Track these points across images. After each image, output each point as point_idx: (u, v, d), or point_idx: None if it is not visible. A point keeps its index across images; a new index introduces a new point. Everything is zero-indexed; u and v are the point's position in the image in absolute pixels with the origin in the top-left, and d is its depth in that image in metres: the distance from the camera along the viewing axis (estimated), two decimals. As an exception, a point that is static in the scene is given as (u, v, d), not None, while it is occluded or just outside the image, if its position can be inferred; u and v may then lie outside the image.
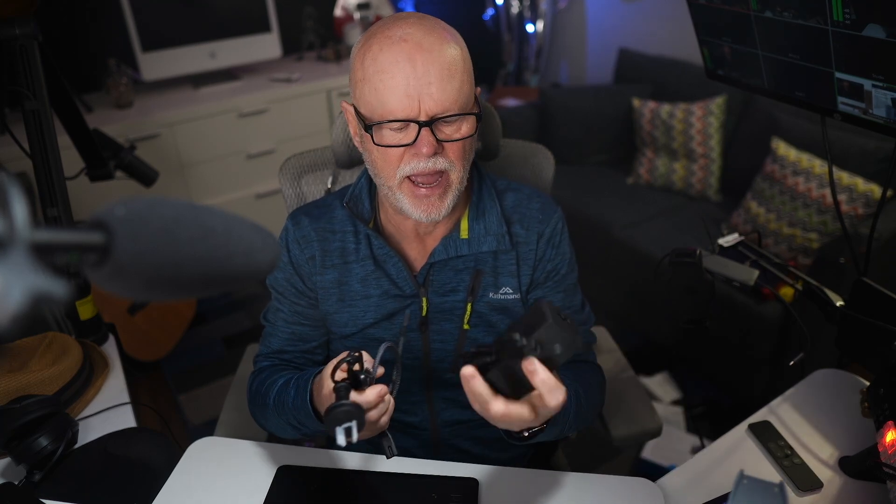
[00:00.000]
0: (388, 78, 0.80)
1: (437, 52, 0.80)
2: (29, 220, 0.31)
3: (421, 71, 0.79)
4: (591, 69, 3.47)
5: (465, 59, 0.84)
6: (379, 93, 0.81)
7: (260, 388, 0.98)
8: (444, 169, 0.85)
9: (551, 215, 1.00)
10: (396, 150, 0.84)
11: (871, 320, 0.97)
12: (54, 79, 1.38)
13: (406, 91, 0.80)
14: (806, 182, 2.05)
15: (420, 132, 0.81)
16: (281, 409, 0.92)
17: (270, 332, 1.04)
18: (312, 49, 3.21)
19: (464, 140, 0.85)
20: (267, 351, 1.04)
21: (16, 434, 0.93)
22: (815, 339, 1.07)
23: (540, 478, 0.93)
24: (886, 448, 0.85)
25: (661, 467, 1.92)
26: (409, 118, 0.81)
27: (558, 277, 1.01)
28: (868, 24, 0.78)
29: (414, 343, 0.99)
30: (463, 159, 0.87)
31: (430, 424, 1.04)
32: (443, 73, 0.80)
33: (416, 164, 0.84)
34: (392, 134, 0.83)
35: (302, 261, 0.98)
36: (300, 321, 1.02)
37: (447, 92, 0.81)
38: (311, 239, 0.98)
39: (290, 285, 0.99)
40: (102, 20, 2.71)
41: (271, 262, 0.47)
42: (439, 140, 0.83)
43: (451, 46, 0.82)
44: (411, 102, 0.80)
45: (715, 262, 1.12)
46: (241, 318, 2.68)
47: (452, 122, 0.84)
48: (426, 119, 0.81)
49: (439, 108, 0.81)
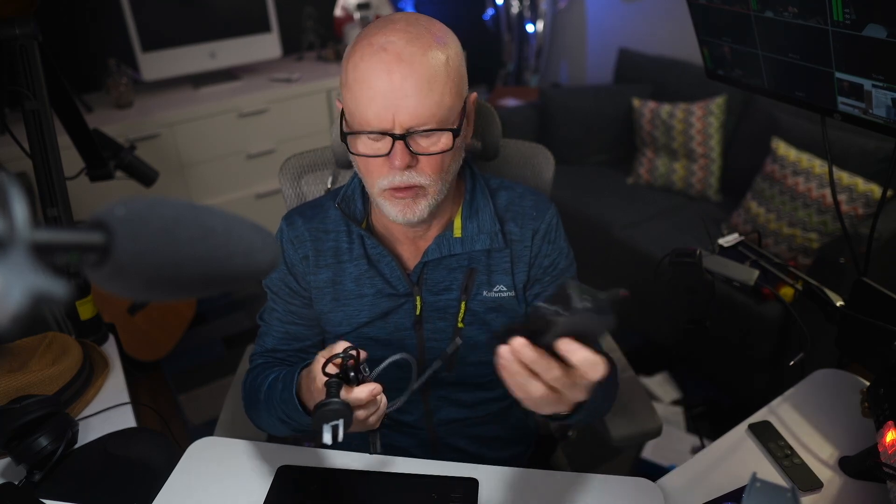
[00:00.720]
0: (365, 88, 0.79)
1: (418, 63, 0.78)
2: (29, 220, 0.31)
3: (397, 83, 0.78)
4: (591, 69, 3.47)
5: (452, 67, 0.82)
6: (357, 101, 0.81)
7: (252, 384, 0.98)
8: (418, 184, 0.84)
9: (545, 212, 1.00)
10: (375, 161, 0.84)
11: (871, 320, 0.97)
12: (54, 79, 1.38)
13: (382, 103, 0.79)
14: (806, 182, 2.05)
15: (394, 145, 0.81)
16: (270, 404, 0.92)
17: (265, 331, 1.04)
18: (312, 49, 3.21)
19: (442, 154, 0.84)
20: (261, 350, 1.04)
21: (16, 434, 0.93)
22: (815, 339, 1.07)
23: (540, 478, 0.93)
24: (886, 448, 0.85)
25: (661, 467, 1.92)
26: (383, 130, 0.81)
27: (556, 272, 1.01)
28: (868, 24, 0.78)
29: (409, 341, 0.99)
30: (440, 172, 0.86)
31: (426, 423, 1.05)
32: (420, 86, 0.78)
33: (391, 178, 0.84)
34: (368, 143, 0.83)
35: (296, 260, 0.98)
36: (294, 320, 1.02)
37: (424, 106, 0.79)
38: (305, 239, 0.98)
39: (283, 285, 1.00)
40: (102, 20, 2.71)
41: (271, 262, 0.47)
42: (415, 153, 0.82)
43: (435, 55, 0.80)
44: (386, 114, 0.79)
45: (715, 262, 1.12)
46: (241, 318, 2.68)
47: (429, 136, 0.83)
48: (400, 132, 0.80)
49: (414, 122, 0.80)
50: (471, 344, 0.99)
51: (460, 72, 0.84)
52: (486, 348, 0.79)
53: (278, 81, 2.86)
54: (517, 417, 1.13)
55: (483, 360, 0.98)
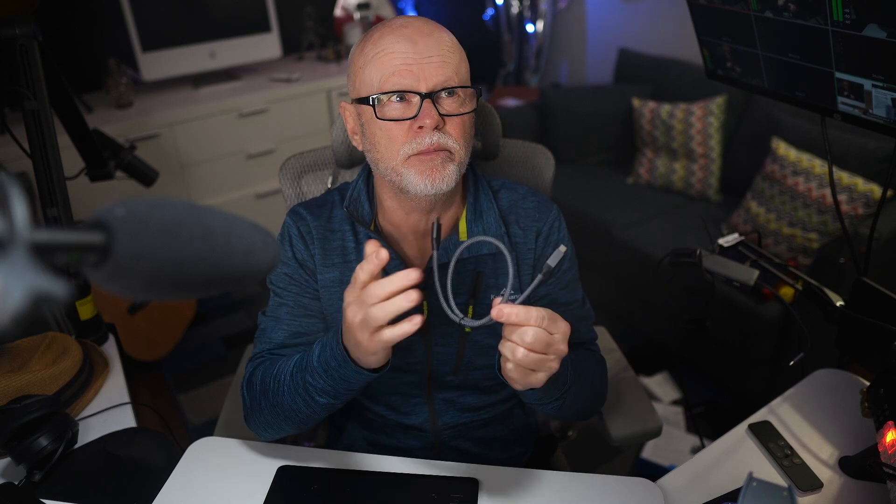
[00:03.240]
0: (389, 55, 0.83)
1: (438, 35, 0.85)
2: (29, 220, 0.31)
3: (421, 47, 0.83)
4: (591, 69, 3.47)
5: (464, 53, 0.89)
6: (381, 69, 0.84)
7: (266, 377, 0.91)
8: (446, 145, 0.85)
9: (547, 213, 1.00)
10: (400, 128, 0.84)
11: (871, 320, 0.97)
12: (54, 79, 1.38)
13: (406, 64, 0.83)
14: (806, 182, 2.05)
15: (422, 105, 0.83)
16: (300, 378, 0.85)
17: (273, 326, 0.98)
18: (312, 49, 3.21)
19: (465, 116, 0.87)
20: (267, 347, 0.97)
21: (16, 434, 0.93)
22: (815, 339, 1.07)
23: (540, 478, 0.93)
24: (886, 448, 0.85)
25: (661, 467, 1.92)
26: (410, 89, 0.83)
27: (559, 273, 1.01)
28: (868, 24, 0.78)
29: (416, 346, 0.98)
30: (465, 137, 0.88)
31: (432, 427, 1.04)
32: (443, 51, 0.84)
33: (420, 141, 0.84)
34: (394, 108, 0.85)
35: (307, 256, 0.97)
36: (306, 313, 0.98)
37: (447, 66, 0.84)
38: (314, 236, 0.97)
39: (292, 280, 0.97)
40: (102, 20, 2.71)
41: (271, 262, 0.47)
42: (441, 114, 0.84)
43: (448, 34, 0.87)
44: (412, 74, 0.83)
45: (715, 262, 1.12)
46: (241, 318, 2.68)
47: (454, 98, 0.85)
48: (427, 90, 0.83)
49: (439, 80, 0.83)
50: (478, 348, 0.98)
51: (467, 60, 0.89)
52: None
53: (278, 81, 2.86)
54: (519, 418, 1.12)
55: (489, 364, 0.96)
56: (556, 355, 0.74)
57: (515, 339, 0.72)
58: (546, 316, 0.72)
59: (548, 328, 0.72)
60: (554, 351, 0.73)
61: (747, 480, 0.64)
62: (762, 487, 0.63)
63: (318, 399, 0.85)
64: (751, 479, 0.64)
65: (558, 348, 0.73)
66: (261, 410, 0.93)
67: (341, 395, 0.85)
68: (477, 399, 1.04)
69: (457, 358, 0.99)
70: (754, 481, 0.63)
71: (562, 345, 0.74)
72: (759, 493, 0.63)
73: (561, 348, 0.74)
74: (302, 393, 0.86)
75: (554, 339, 0.73)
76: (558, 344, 0.73)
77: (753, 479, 0.64)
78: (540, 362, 0.73)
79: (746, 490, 0.63)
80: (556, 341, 0.73)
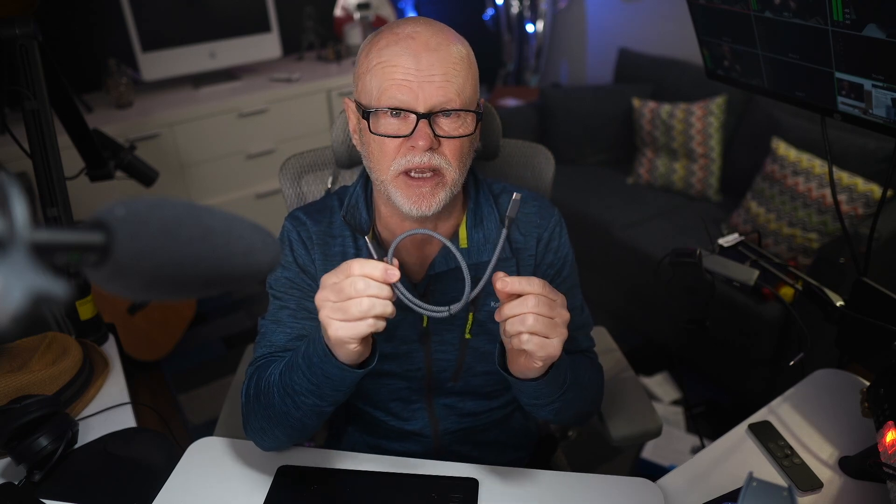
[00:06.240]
0: (391, 69, 0.81)
1: (444, 50, 0.82)
2: (29, 220, 0.31)
3: (425, 66, 0.81)
4: (591, 69, 3.47)
5: (472, 61, 0.86)
6: (381, 80, 0.82)
7: (261, 380, 0.90)
8: (438, 166, 0.84)
9: (549, 218, 1.00)
10: (393, 142, 0.83)
11: (871, 320, 0.97)
12: (54, 79, 1.38)
13: (406, 80, 0.81)
14: (806, 182, 2.05)
15: (417, 124, 0.81)
16: (288, 377, 0.84)
17: (274, 329, 0.96)
18: (312, 49, 3.21)
19: (462, 139, 0.85)
20: (269, 350, 0.96)
21: (16, 434, 0.93)
22: (815, 339, 1.07)
23: (540, 478, 0.93)
24: (886, 448, 0.85)
25: (661, 467, 1.92)
26: (407, 107, 0.81)
27: (560, 279, 1.00)
28: (868, 24, 0.78)
29: (415, 353, 0.97)
30: (460, 160, 0.86)
31: (432, 432, 1.04)
32: (447, 71, 0.81)
33: (411, 158, 0.83)
34: (390, 123, 0.83)
35: (307, 261, 0.96)
36: (308, 316, 0.96)
37: (449, 88, 0.82)
38: (314, 241, 0.96)
39: (293, 284, 0.96)
40: (102, 20, 2.71)
41: (271, 262, 0.47)
42: (437, 136, 0.83)
43: (458, 47, 0.84)
44: (411, 92, 0.81)
45: (715, 262, 1.12)
46: (241, 318, 2.68)
47: (452, 119, 0.83)
48: (424, 111, 0.81)
49: (438, 101, 0.81)
50: (478, 354, 0.98)
51: (476, 71, 0.87)
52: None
53: (278, 81, 2.86)
54: (518, 423, 1.12)
55: (489, 370, 0.95)
56: (561, 319, 0.76)
57: (521, 308, 0.74)
58: (545, 282, 0.75)
59: (548, 294, 0.75)
60: (558, 315, 0.76)
61: (747, 480, 0.64)
62: (762, 487, 0.63)
63: (304, 400, 0.84)
64: (751, 479, 0.64)
65: (560, 312, 0.76)
66: (255, 415, 0.91)
67: (327, 396, 0.83)
68: (477, 404, 1.04)
69: (457, 364, 0.99)
70: (754, 481, 0.63)
71: (562, 308, 0.76)
72: (759, 493, 0.63)
73: (563, 312, 0.76)
74: (290, 393, 0.84)
75: (556, 304, 0.75)
76: (559, 307, 0.76)
77: (753, 479, 0.64)
78: (551, 326, 0.75)
79: (746, 490, 0.63)
80: (558, 304, 0.76)
